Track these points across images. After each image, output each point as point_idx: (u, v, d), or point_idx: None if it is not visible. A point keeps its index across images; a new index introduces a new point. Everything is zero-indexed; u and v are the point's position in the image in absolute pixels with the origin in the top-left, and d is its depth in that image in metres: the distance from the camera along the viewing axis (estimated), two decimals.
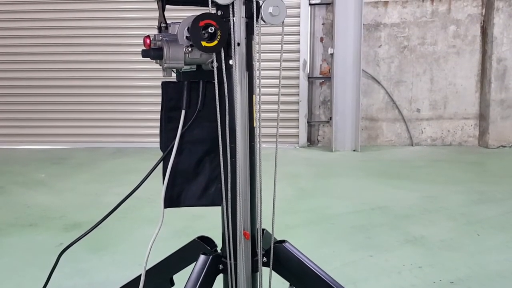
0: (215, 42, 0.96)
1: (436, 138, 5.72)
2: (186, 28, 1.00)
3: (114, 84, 5.82)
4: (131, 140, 5.79)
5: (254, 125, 1.11)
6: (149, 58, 1.02)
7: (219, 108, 1.06)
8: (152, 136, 5.65)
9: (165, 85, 1.12)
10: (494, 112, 5.45)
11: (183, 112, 1.12)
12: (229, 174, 1.08)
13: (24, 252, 2.54)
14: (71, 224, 2.95)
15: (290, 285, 1.22)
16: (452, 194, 3.54)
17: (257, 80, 1.10)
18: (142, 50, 1.00)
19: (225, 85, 1.02)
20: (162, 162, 1.16)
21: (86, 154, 5.38)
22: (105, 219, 1.19)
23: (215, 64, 1.01)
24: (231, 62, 1.01)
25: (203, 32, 0.95)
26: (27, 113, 5.92)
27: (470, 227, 2.82)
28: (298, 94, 5.62)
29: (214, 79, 1.03)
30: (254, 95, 1.10)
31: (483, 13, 5.50)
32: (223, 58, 1.00)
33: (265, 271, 1.17)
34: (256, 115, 1.12)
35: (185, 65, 1.02)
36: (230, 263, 1.11)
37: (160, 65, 1.03)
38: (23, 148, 5.77)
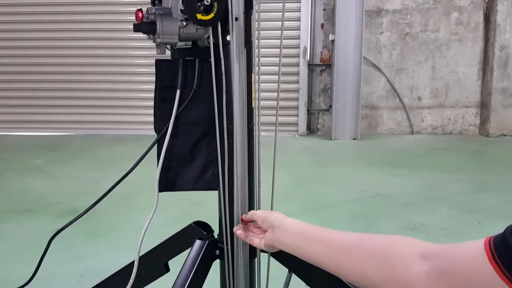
0: (212, 15, 0.91)
1: (436, 126, 5.68)
2: (181, 0, 0.94)
3: (112, 70, 5.75)
4: (129, 128, 5.74)
5: (253, 106, 1.06)
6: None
7: (216, 88, 1.01)
8: (150, 123, 5.58)
9: (158, 63, 1.07)
10: (495, 100, 5.40)
11: (178, 92, 1.07)
12: (226, 157, 1.04)
13: (19, 238, 2.51)
14: (67, 210, 2.92)
15: (289, 271, 1.18)
16: (452, 182, 3.50)
17: (256, 59, 1.05)
18: (134, 24, 0.94)
19: (222, 62, 0.97)
20: (156, 145, 1.12)
21: (83, 141, 5.33)
22: (97, 203, 1.15)
23: (211, 40, 0.96)
24: (228, 38, 0.96)
25: (199, 4, 0.90)
26: (24, 100, 5.86)
27: (471, 215, 2.79)
28: (298, 82, 5.56)
29: (210, 57, 0.98)
30: (253, 74, 1.05)
31: (486, 0, 5.42)
32: (220, 33, 0.95)
33: (264, 257, 1.13)
34: (254, 95, 1.07)
35: (179, 41, 0.96)
36: (227, 249, 1.07)
37: (154, 41, 0.97)
38: (19, 134, 5.72)
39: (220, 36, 0.95)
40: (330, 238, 0.77)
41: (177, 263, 1.12)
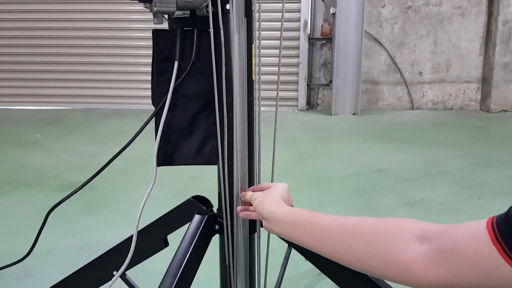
0: None
1: (437, 102, 5.64)
2: None
3: (111, 44, 5.67)
4: (129, 102, 5.69)
5: (253, 78, 1.04)
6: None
7: (215, 59, 0.98)
8: (149, 97, 5.52)
9: (155, 33, 1.03)
10: (497, 75, 5.34)
11: (176, 63, 1.04)
12: (226, 131, 1.02)
13: (19, 211, 2.50)
14: (66, 184, 2.91)
15: (288, 246, 1.18)
16: (453, 158, 3.49)
17: (257, 32, 1.01)
18: None
19: (222, 32, 0.94)
20: (154, 118, 1.09)
21: (82, 115, 5.30)
22: (95, 177, 1.13)
23: (210, 9, 0.92)
24: (228, 6, 0.93)
25: None
26: (22, 73, 5.79)
27: (471, 191, 2.79)
28: (298, 56, 5.49)
29: (209, 27, 0.95)
30: (253, 46, 1.02)
31: None
32: (219, 2, 0.91)
33: (263, 232, 1.12)
34: (255, 69, 1.04)
35: (177, 9, 0.93)
36: (227, 223, 1.06)
37: (150, 10, 0.94)
38: (18, 108, 5.67)
39: (219, 5, 0.92)
40: (324, 225, 0.75)
41: (176, 238, 1.11)
